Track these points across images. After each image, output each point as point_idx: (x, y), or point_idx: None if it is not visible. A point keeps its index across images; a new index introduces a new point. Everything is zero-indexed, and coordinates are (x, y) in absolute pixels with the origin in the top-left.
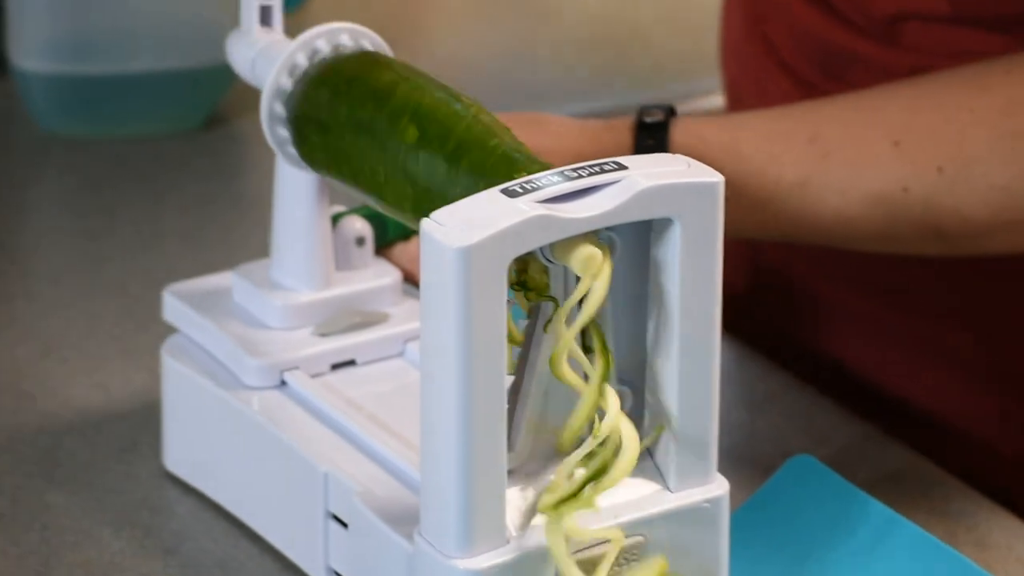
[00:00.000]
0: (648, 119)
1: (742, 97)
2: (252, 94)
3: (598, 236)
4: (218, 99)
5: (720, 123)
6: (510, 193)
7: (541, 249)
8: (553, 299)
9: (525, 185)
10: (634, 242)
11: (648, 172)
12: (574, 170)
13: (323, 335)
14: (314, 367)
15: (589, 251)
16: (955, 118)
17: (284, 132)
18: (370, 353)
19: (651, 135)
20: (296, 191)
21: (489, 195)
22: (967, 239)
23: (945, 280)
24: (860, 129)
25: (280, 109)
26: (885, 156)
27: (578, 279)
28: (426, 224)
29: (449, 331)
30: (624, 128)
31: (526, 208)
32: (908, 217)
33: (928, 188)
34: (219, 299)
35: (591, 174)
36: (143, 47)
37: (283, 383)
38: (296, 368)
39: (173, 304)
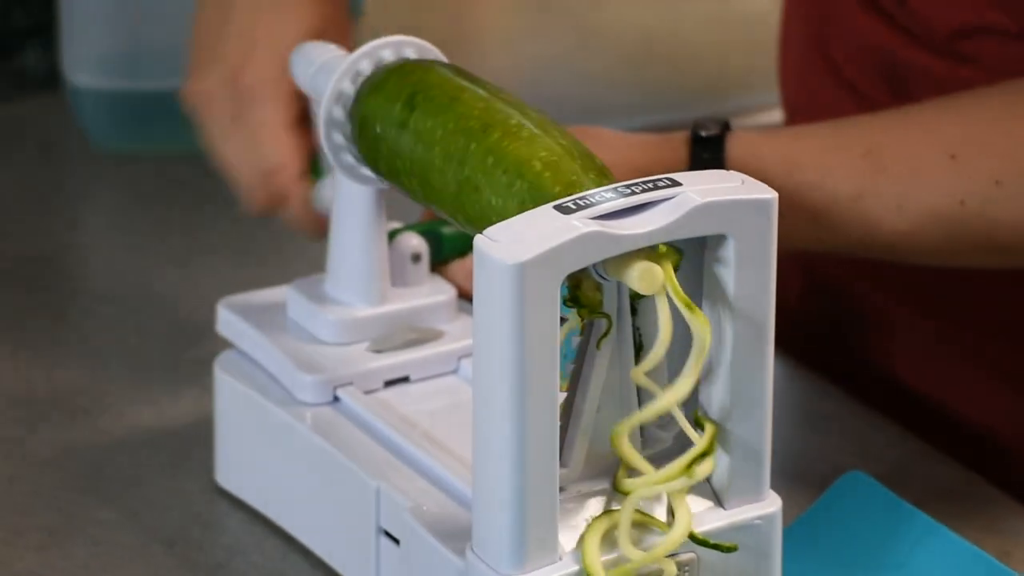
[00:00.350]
0: (704, 133)
1: (803, 117)
2: None
3: (657, 251)
4: None
5: (776, 136)
6: (564, 209)
7: (594, 266)
8: (606, 315)
9: (579, 201)
10: (687, 259)
11: (702, 188)
12: (628, 186)
13: (377, 351)
14: (368, 383)
15: (645, 266)
16: (1012, 131)
17: (342, 141)
18: (424, 370)
19: (707, 149)
20: (353, 207)
21: (543, 211)
22: None
23: (1004, 296)
24: (916, 142)
25: (339, 116)
26: (942, 169)
27: (632, 295)
28: (480, 240)
29: (502, 347)
30: (680, 142)
31: (580, 225)
32: (966, 230)
33: (985, 201)
34: (273, 314)
35: (645, 190)
36: None
37: (336, 399)
38: (350, 384)
39: (227, 318)
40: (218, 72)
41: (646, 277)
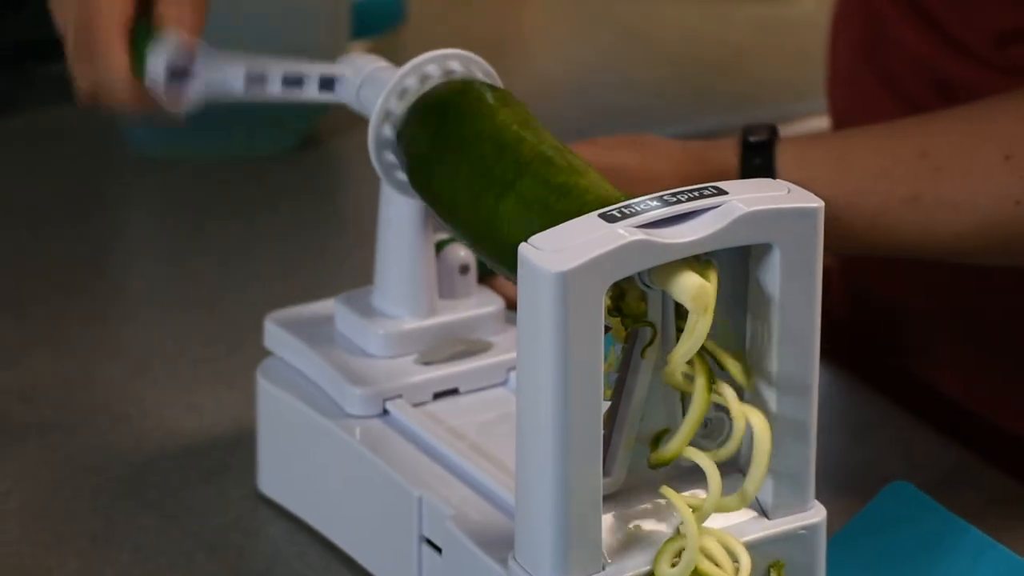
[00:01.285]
0: (753, 139)
1: (852, 125)
2: (347, 116)
3: (698, 260)
4: (313, 120)
5: (827, 140)
6: (609, 218)
7: (639, 274)
8: (651, 324)
9: (624, 210)
10: (732, 267)
11: (748, 197)
12: (673, 195)
13: (426, 363)
14: (417, 396)
15: (699, 284)
16: None
17: (391, 158)
18: (473, 382)
19: (757, 154)
20: (400, 218)
21: (588, 220)
22: None
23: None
24: (970, 143)
25: (389, 134)
26: (996, 170)
27: (677, 305)
28: (524, 248)
29: (546, 356)
30: (729, 148)
31: (624, 233)
32: (1021, 231)
33: None
34: (321, 327)
35: (690, 199)
36: None
37: (386, 412)
38: (399, 397)
39: (274, 332)
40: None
41: (700, 297)
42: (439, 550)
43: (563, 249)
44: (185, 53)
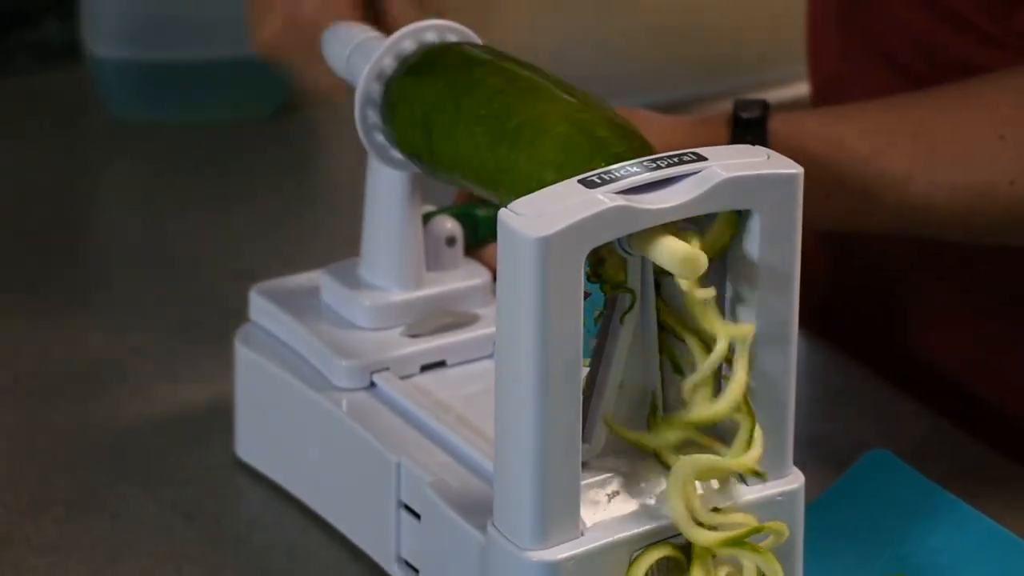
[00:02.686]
0: (745, 115)
1: (835, 90)
2: None
3: (677, 227)
4: (291, 87)
5: (820, 117)
6: (588, 183)
7: (619, 240)
8: (631, 291)
9: (604, 176)
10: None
11: (727, 163)
12: (653, 161)
13: (413, 336)
14: (404, 368)
15: (688, 251)
16: None
17: (378, 125)
18: (461, 354)
19: (749, 131)
20: (387, 190)
21: (567, 185)
22: None
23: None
24: (965, 122)
25: (375, 99)
26: (991, 150)
27: (656, 270)
28: (504, 214)
29: (526, 321)
30: (721, 124)
31: (604, 199)
32: (1016, 210)
33: None
34: (307, 298)
35: (670, 165)
36: (217, 34)
37: (372, 384)
38: (386, 369)
39: (260, 303)
40: (277, 17)
41: (688, 264)
42: (417, 516)
43: (543, 215)
44: None
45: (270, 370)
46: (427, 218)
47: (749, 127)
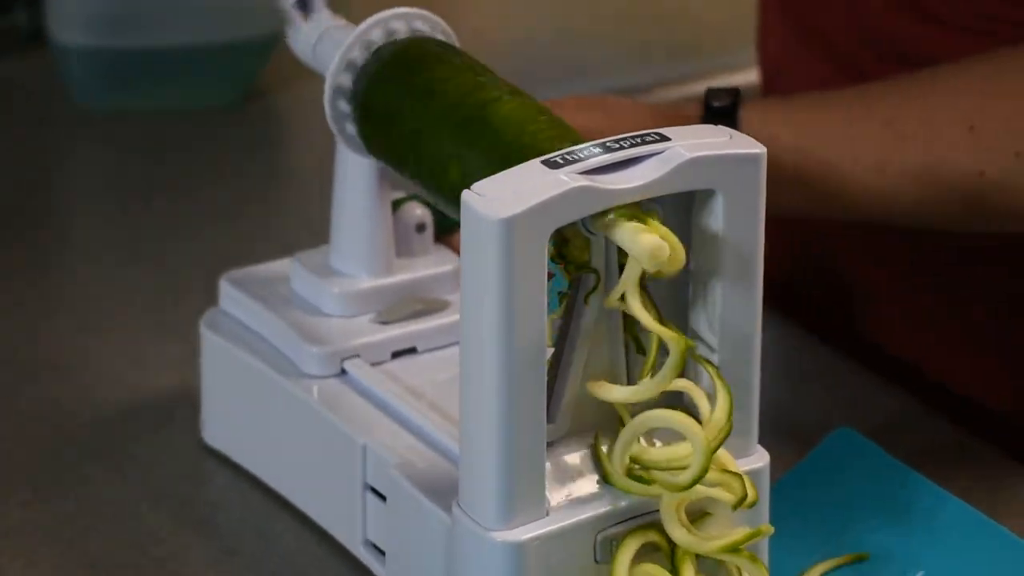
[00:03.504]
0: (717, 104)
1: (782, 80)
2: (290, 68)
3: (641, 206)
4: (256, 73)
5: (792, 106)
6: (551, 164)
7: (582, 221)
8: (595, 271)
9: (567, 156)
10: (675, 212)
11: (690, 143)
12: (616, 141)
13: (384, 323)
14: (375, 355)
15: (656, 242)
16: None
17: (347, 117)
18: (431, 341)
19: (720, 119)
20: (356, 177)
21: (530, 166)
22: None
23: (989, 268)
24: (935, 113)
25: (344, 93)
26: (961, 141)
27: (619, 251)
28: (467, 195)
29: (489, 302)
30: (692, 112)
31: (567, 179)
32: (985, 201)
33: (1005, 173)
34: (276, 286)
35: (633, 145)
36: (181, 21)
37: (343, 371)
38: (357, 356)
39: (230, 291)
40: None
41: (657, 255)
42: (383, 498)
43: (506, 196)
44: None
45: (237, 355)
46: (397, 204)
47: (720, 115)
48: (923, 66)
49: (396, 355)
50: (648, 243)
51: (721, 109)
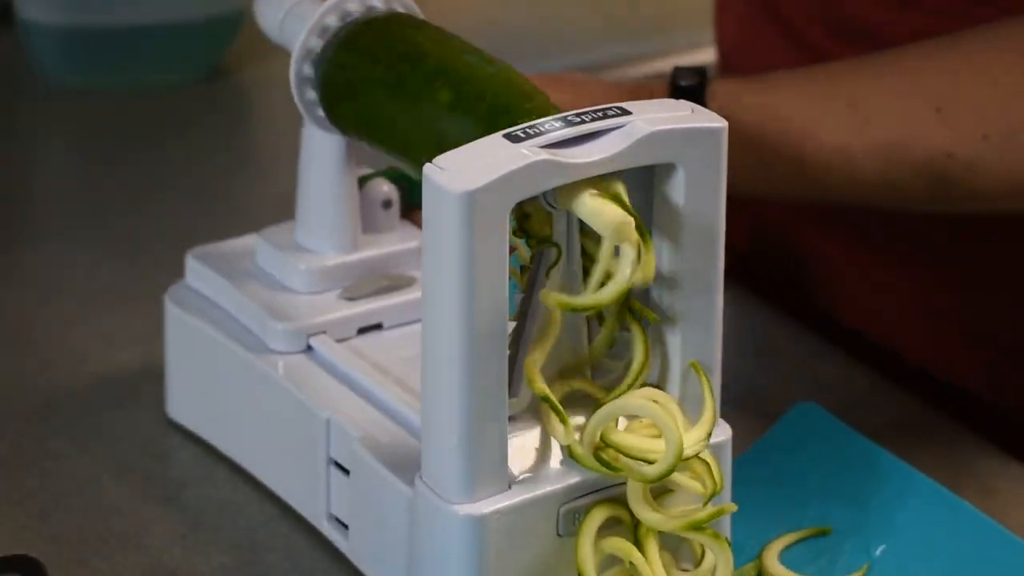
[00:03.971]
0: (683, 83)
1: (739, 58)
2: (257, 46)
3: (602, 180)
4: (223, 51)
5: (757, 87)
6: (513, 138)
7: (544, 195)
8: (556, 245)
9: (528, 130)
10: (637, 187)
11: (652, 117)
12: (577, 115)
13: (350, 299)
14: (340, 331)
15: (622, 218)
16: (998, 84)
17: (313, 95)
18: (397, 317)
19: (686, 98)
20: (322, 153)
21: (492, 140)
22: (1012, 201)
23: (944, 246)
24: (900, 94)
25: (309, 71)
26: (928, 123)
27: (582, 224)
28: (428, 169)
29: (451, 276)
30: (659, 91)
31: (529, 153)
32: (953, 182)
33: (973, 155)
34: (243, 262)
35: (594, 119)
36: None
37: (309, 347)
38: (323, 332)
39: (196, 267)
40: None
41: (621, 231)
42: (347, 472)
43: (467, 169)
44: None
45: (202, 330)
46: (363, 181)
47: (687, 95)
48: (884, 48)
49: (362, 331)
50: (614, 217)
51: (688, 88)
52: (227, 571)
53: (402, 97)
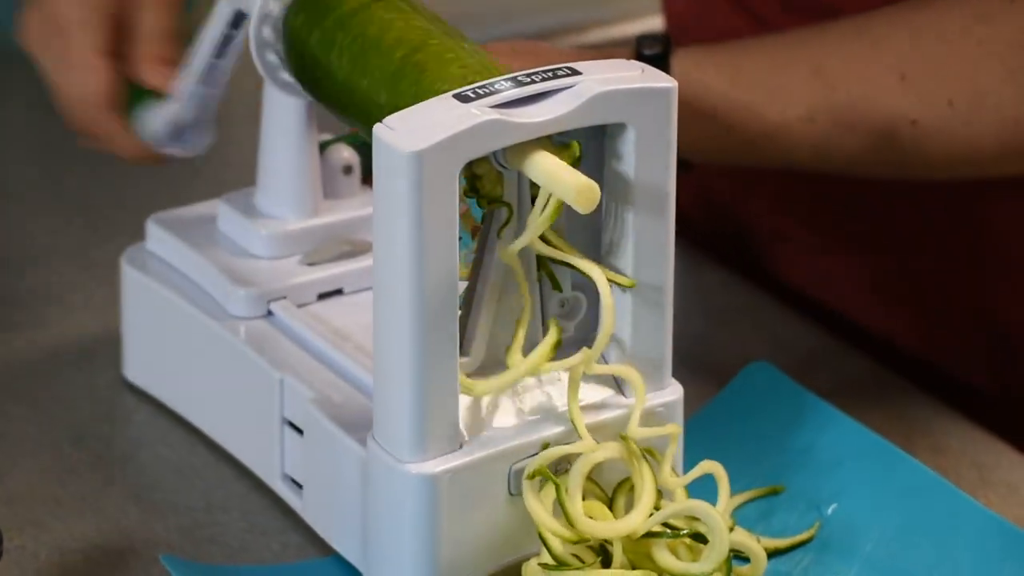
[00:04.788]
0: (647, 51)
1: (687, 27)
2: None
3: (552, 140)
4: (182, 13)
5: (722, 54)
6: (463, 98)
7: (495, 155)
8: (507, 205)
9: (479, 90)
10: (587, 146)
11: (602, 77)
12: (528, 75)
13: (310, 264)
14: (301, 296)
15: (585, 182)
16: (962, 51)
17: (274, 58)
18: (357, 282)
19: (651, 66)
20: (283, 118)
21: (442, 100)
22: (977, 167)
23: (890, 217)
24: (864, 62)
25: (269, 34)
26: (892, 90)
27: (532, 185)
28: (378, 129)
29: (401, 235)
30: (622, 58)
31: (478, 113)
32: (918, 148)
33: (938, 121)
34: (204, 227)
35: (544, 79)
36: None
37: (270, 313)
38: (283, 298)
39: (157, 233)
40: (37, 10)
41: (584, 196)
42: (300, 432)
43: (417, 129)
44: (178, 109)
45: (160, 293)
46: (324, 146)
47: (651, 63)
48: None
49: (322, 296)
50: (575, 183)
51: (652, 56)
52: (183, 532)
53: (360, 63)
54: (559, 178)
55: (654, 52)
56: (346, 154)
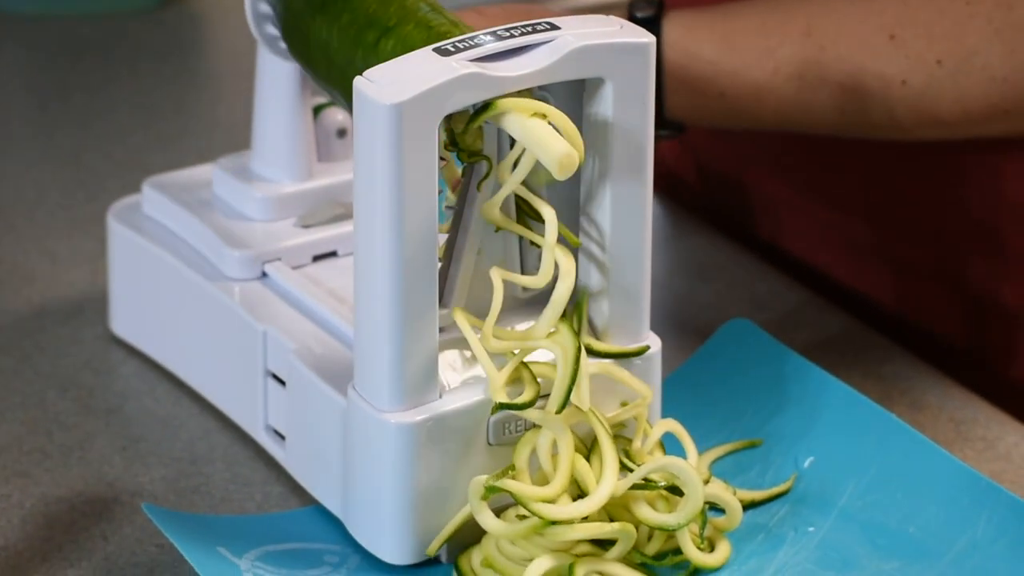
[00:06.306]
0: (640, 14)
1: None
2: None
3: (532, 94)
4: None
5: (713, 16)
6: (443, 52)
7: (474, 107)
8: (487, 158)
9: (458, 44)
10: (566, 101)
11: (580, 32)
12: (507, 30)
13: (305, 227)
14: (295, 259)
15: (567, 149)
16: (950, 11)
17: (274, 31)
18: (352, 244)
19: (644, 29)
20: (277, 82)
21: (422, 54)
22: (964, 126)
23: (860, 178)
24: (854, 22)
25: (266, 8)
26: (882, 50)
27: (512, 140)
28: (358, 82)
29: (381, 188)
30: None
31: (457, 66)
32: (907, 108)
33: (927, 81)
34: (199, 191)
35: (523, 34)
36: None
37: (264, 275)
38: (278, 260)
39: (152, 196)
40: None
41: (566, 164)
42: (283, 383)
43: (397, 82)
44: None
45: (137, 242)
46: (318, 110)
47: (643, 25)
48: None
49: (317, 258)
50: (559, 150)
51: (644, 19)
52: (167, 482)
53: (346, 37)
54: (545, 144)
55: (647, 15)
56: (340, 117)
